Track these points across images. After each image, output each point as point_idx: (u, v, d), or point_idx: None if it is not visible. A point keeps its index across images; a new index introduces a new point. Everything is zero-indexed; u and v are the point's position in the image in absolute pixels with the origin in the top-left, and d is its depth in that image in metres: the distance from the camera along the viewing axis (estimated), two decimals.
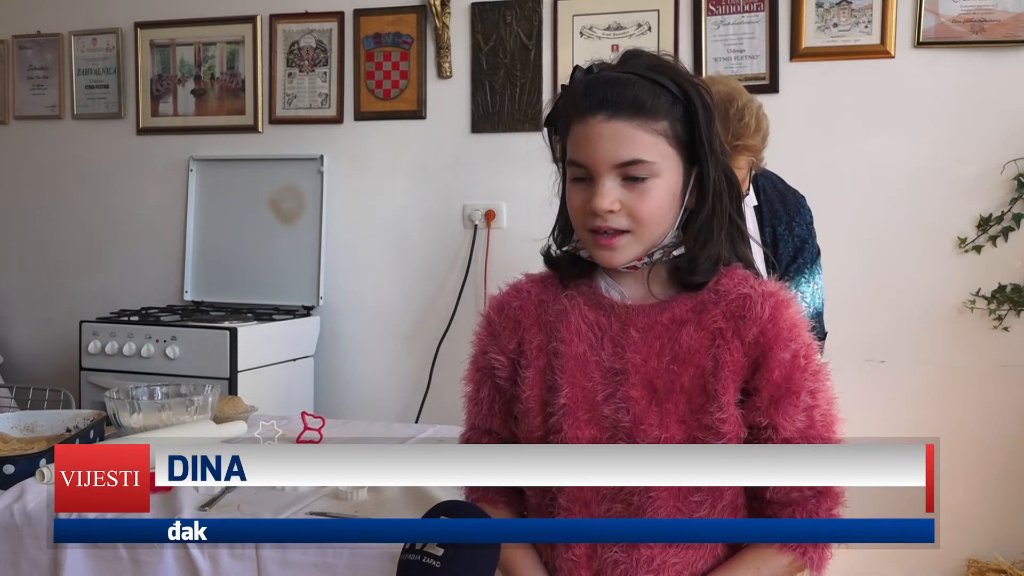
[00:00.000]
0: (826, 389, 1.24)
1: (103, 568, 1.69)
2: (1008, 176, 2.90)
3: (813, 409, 1.22)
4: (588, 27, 3.25)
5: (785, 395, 1.21)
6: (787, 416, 1.20)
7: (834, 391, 1.25)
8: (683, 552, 1.21)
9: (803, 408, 1.21)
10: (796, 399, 1.21)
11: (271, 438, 2.17)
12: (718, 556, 1.24)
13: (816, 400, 1.22)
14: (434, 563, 1.08)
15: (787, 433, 1.20)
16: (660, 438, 1.19)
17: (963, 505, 2.95)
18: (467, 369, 1.37)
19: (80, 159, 3.88)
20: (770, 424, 1.21)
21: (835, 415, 1.24)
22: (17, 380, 3.53)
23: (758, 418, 1.21)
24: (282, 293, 3.57)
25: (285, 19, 3.58)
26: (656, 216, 1.21)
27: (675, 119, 1.20)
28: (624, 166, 1.19)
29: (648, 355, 1.22)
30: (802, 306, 1.28)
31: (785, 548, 1.21)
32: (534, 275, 1.35)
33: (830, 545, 1.23)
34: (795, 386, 1.21)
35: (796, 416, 1.21)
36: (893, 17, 2.96)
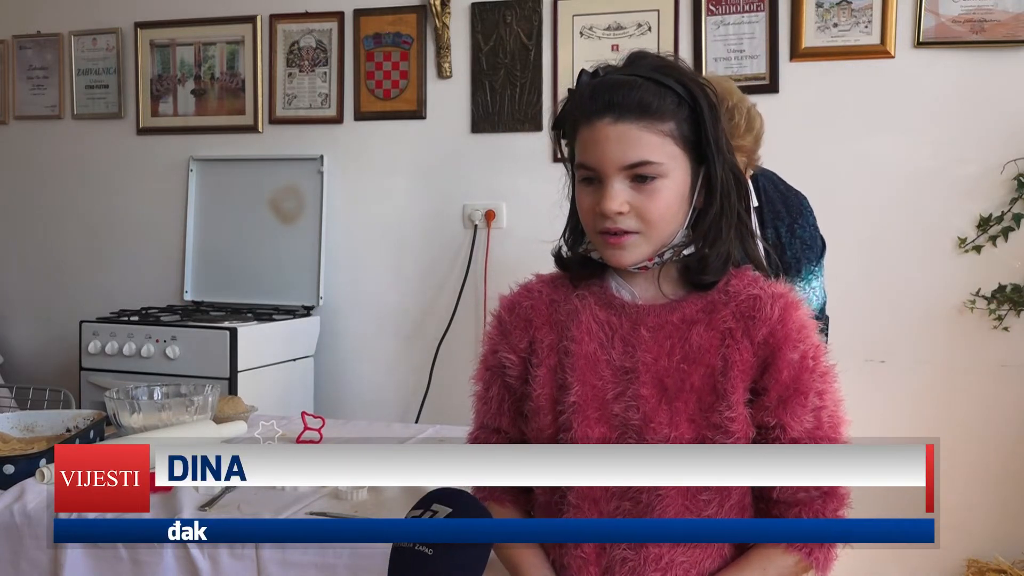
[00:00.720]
0: (834, 391, 1.25)
1: (103, 568, 1.69)
2: (1008, 176, 2.90)
3: (821, 410, 1.23)
4: (588, 27, 3.25)
5: (793, 395, 1.22)
6: (795, 416, 1.22)
7: (841, 393, 1.26)
8: (691, 551, 1.22)
9: (811, 409, 1.22)
10: (804, 399, 1.22)
11: (271, 438, 2.17)
12: (725, 556, 1.24)
13: (824, 401, 1.23)
14: (426, 551, 1.09)
15: (795, 433, 1.21)
16: (670, 436, 1.20)
17: (963, 505, 2.95)
18: (476, 368, 1.38)
19: (80, 159, 3.88)
20: (778, 424, 1.22)
21: (842, 416, 1.25)
22: (17, 380, 3.53)
23: (766, 418, 1.22)
24: (282, 293, 3.57)
25: (285, 19, 3.58)
26: (665, 216, 1.22)
27: (681, 119, 1.21)
28: (632, 168, 1.20)
29: (659, 354, 1.23)
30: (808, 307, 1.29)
31: (791, 548, 1.22)
32: (544, 275, 1.37)
33: (835, 545, 1.24)
34: (803, 387, 1.22)
35: (804, 416, 1.22)
36: (893, 17, 2.96)
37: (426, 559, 1.08)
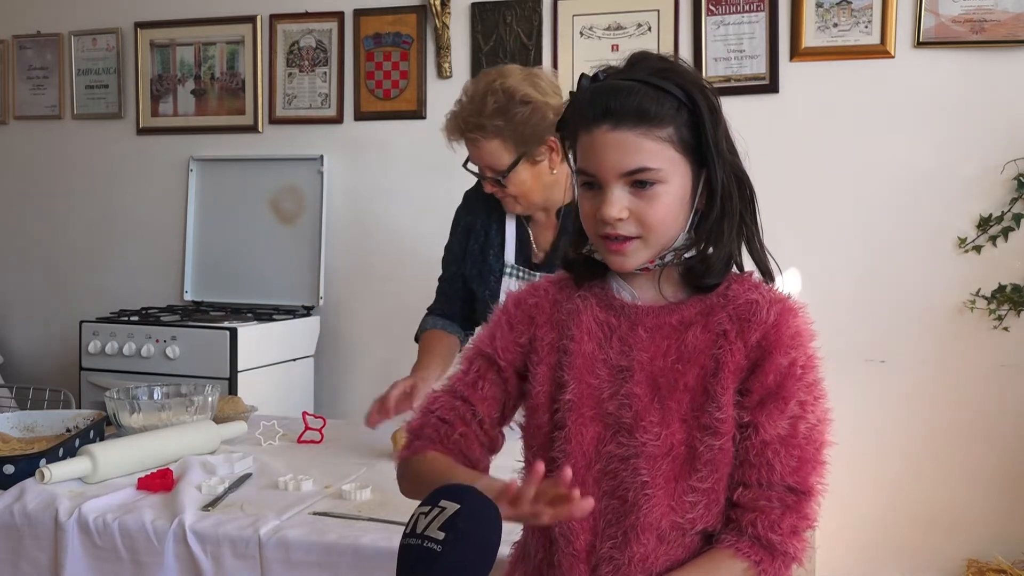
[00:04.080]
0: (819, 407, 1.22)
1: (103, 568, 1.68)
2: (1008, 176, 2.90)
3: (799, 420, 1.21)
4: (588, 27, 3.25)
5: (773, 399, 1.20)
6: (770, 418, 1.20)
7: (829, 414, 1.23)
8: (674, 557, 1.21)
9: (789, 416, 1.20)
10: (784, 405, 1.20)
11: (272, 440, 2.17)
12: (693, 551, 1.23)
13: (805, 412, 1.21)
14: (435, 547, 1.08)
15: (766, 435, 1.20)
16: (660, 435, 1.20)
17: (963, 505, 2.95)
18: (466, 349, 1.38)
19: (80, 159, 3.88)
20: (752, 422, 1.20)
21: (823, 435, 1.22)
22: (17, 380, 3.53)
23: (744, 416, 1.21)
24: (282, 293, 3.57)
25: (285, 19, 3.58)
26: (665, 221, 1.22)
27: (680, 124, 1.21)
28: (630, 175, 1.20)
29: (655, 354, 1.23)
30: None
31: (739, 554, 1.20)
32: (552, 276, 1.37)
33: (790, 563, 1.21)
34: (786, 393, 1.20)
35: (780, 421, 1.20)
36: (893, 17, 2.96)
37: (435, 556, 1.08)
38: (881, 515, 2.98)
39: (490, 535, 1.12)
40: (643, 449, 1.20)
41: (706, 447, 1.20)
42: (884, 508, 2.98)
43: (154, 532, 1.64)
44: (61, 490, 1.79)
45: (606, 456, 1.22)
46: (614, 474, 1.22)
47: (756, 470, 1.20)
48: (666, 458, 1.20)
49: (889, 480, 2.98)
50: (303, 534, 1.59)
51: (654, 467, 1.20)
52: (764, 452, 1.20)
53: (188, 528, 1.63)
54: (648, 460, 1.20)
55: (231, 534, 1.61)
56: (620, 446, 1.22)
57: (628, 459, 1.21)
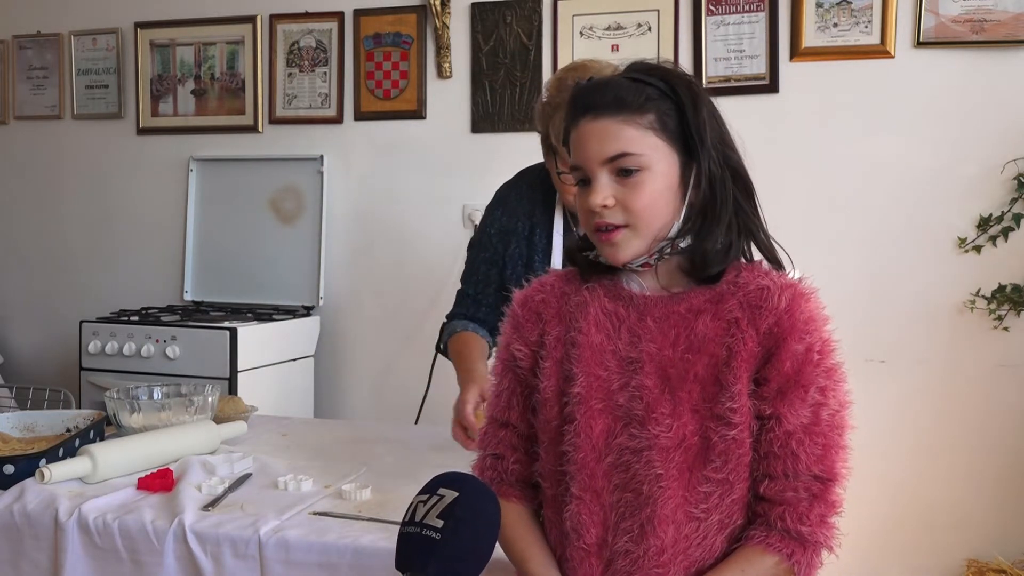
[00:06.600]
0: (839, 390, 1.22)
1: (103, 568, 1.68)
2: (1008, 176, 2.90)
3: (820, 407, 1.21)
4: (588, 27, 3.25)
5: (793, 387, 1.20)
6: (792, 408, 1.20)
7: (849, 396, 1.23)
8: (688, 546, 1.21)
9: (810, 403, 1.20)
10: (804, 393, 1.20)
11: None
12: (717, 553, 1.23)
13: (825, 398, 1.21)
14: (434, 535, 1.08)
15: (789, 426, 1.20)
16: (672, 427, 1.20)
17: (963, 505, 2.95)
18: (494, 364, 1.39)
19: (80, 159, 3.88)
20: (774, 414, 1.20)
21: (844, 419, 1.23)
22: (17, 380, 3.53)
23: (764, 408, 1.21)
24: (282, 293, 3.57)
25: (285, 19, 3.58)
26: (650, 208, 1.22)
27: (664, 112, 1.23)
28: (612, 160, 1.22)
29: (663, 344, 1.23)
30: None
31: (770, 549, 1.20)
32: (559, 271, 1.38)
33: (820, 552, 1.21)
34: (805, 380, 1.20)
35: (802, 410, 1.20)
36: (893, 17, 2.96)
37: (433, 543, 1.08)
38: (881, 515, 2.98)
39: (489, 523, 1.12)
40: (656, 441, 1.20)
41: (720, 437, 1.20)
42: (884, 508, 2.98)
43: (154, 532, 1.64)
44: (61, 490, 1.78)
45: (617, 448, 1.22)
46: (627, 467, 1.22)
47: (781, 461, 1.20)
48: (679, 449, 1.20)
49: (889, 480, 2.98)
50: (303, 534, 1.59)
51: (667, 459, 1.20)
52: (788, 443, 1.20)
53: (188, 528, 1.63)
54: (661, 452, 1.20)
55: (231, 534, 1.61)
56: (632, 438, 1.21)
57: (641, 451, 1.21)
